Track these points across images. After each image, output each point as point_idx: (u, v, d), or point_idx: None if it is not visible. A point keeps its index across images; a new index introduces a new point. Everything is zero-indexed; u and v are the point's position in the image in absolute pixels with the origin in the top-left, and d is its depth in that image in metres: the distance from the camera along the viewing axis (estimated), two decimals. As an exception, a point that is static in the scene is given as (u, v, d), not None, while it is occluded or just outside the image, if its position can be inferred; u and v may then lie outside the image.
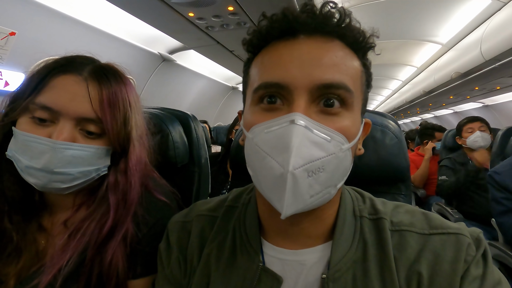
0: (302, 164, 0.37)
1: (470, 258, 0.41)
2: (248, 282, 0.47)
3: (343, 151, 0.41)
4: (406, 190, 0.80)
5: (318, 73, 0.40)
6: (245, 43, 0.48)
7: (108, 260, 0.56)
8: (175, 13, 1.98)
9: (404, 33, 3.46)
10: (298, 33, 0.43)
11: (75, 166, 0.54)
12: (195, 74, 3.92)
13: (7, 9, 1.72)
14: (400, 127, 0.80)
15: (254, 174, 0.44)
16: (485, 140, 2.24)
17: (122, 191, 0.60)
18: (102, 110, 0.56)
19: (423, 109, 7.12)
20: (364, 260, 0.45)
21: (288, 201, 0.38)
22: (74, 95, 0.55)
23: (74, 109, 0.54)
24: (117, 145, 0.59)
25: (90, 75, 0.57)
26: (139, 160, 0.63)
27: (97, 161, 0.58)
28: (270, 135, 0.40)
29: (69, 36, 2.13)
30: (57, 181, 0.54)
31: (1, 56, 1.82)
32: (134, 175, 0.61)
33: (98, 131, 0.57)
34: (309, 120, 0.39)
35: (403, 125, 12.59)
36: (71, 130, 0.54)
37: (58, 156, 0.52)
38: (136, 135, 0.63)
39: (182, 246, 0.55)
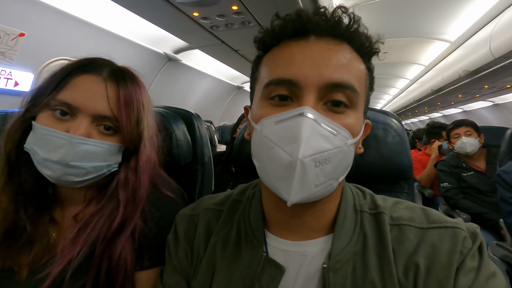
0: (311, 154, 0.40)
1: (466, 250, 0.43)
2: (252, 271, 0.49)
3: (347, 146, 0.43)
4: (408, 189, 0.79)
5: (328, 72, 0.42)
6: (257, 41, 0.50)
7: (117, 255, 0.58)
8: (180, 13, 1.99)
9: (411, 31, 3.42)
10: (309, 34, 0.45)
11: (89, 161, 0.57)
12: (200, 73, 3.94)
13: (17, 11, 1.76)
14: (403, 126, 0.80)
15: (261, 165, 0.46)
16: (472, 146, 2.17)
17: (132, 188, 0.62)
18: (119, 109, 0.59)
19: (431, 108, 7.02)
20: (363, 252, 0.47)
21: (295, 189, 0.40)
22: (93, 94, 0.58)
23: (92, 106, 0.57)
24: (129, 143, 0.62)
25: (109, 76, 0.61)
26: (149, 159, 0.66)
27: (110, 158, 0.60)
28: (279, 126, 0.42)
29: (76, 37, 2.17)
30: (71, 174, 0.57)
31: (11, 56, 1.87)
32: (143, 173, 0.64)
33: (114, 128, 0.60)
34: (317, 114, 0.41)
35: (411, 124, 12.43)
36: (88, 126, 0.57)
37: (74, 150, 0.55)
38: (147, 135, 0.65)
39: (189, 238, 0.58)
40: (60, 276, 0.55)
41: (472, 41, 3.05)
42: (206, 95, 4.54)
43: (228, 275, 0.51)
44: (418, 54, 4.22)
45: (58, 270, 0.55)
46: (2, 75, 1.89)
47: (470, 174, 2.17)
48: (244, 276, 0.49)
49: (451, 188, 2.25)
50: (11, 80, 1.95)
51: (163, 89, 3.53)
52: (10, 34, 1.78)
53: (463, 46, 3.30)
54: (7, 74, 1.92)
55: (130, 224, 0.61)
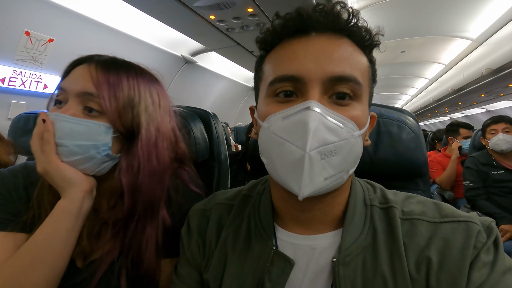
0: (317, 146, 0.40)
1: (480, 244, 0.42)
2: (262, 264, 0.50)
3: (354, 138, 0.44)
4: (424, 186, 0.79)
5: (331, 66, 0.43)
6: (259, 41, 0.51)
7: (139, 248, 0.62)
8: (197, 16, 2.04)
9: (430, 29, 3.32)
10: (310, 30, 0.46)
11: (72, 139, 0.58)
12: (216, 75, 4.00)
13: (46, 18, 1.87)
14: (418, 123, 0.79)
15: (270, 162, 0.46)
16: (508, 143, 2.09)
17: (132, 173, 0.63)
18: (100, 86, 0.60)
19: (452, 108, 6.76)
20: (374, 246, 0.46)
21: (305, 182, 0.41)
22: (79, 76, 0.61)
23: (76, 86, 0.60)
24: (118, 124, 0.61)
25: (98, 62, 0.63)
26: (152, 145, 0.65)
27: (95, 137, 0.59)
28: (287, 122, 0.43)
29: (100, 41, 2.27)
30: (58, 154, 0.58)
31: (41, 61, 1.98)
32: (142, 159, 0.63)
33: (97, 109, 0.60)
34: (323, 107, 0.42)
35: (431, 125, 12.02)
36: (76, 107, 0.59)
37: (57, 128, 0.57)
38: (148, 123, 0.65)
39: (202, 231, 0.59)
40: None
41: (495, 38, 2.93)
42: (222, 96, 4.59)
43: (239, 268, 0.52)
44: (437, 52, 4.09)
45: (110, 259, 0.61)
46: (33, 79, 2.02)
47: (501, 173, 2.10)
48: (254, 269, 0.50)
49: (472, 187, 2.18)
50: (40, 83, 2.06)
51: (180, 90, 3.61)
52: (41, 40, 1.89)
53: (485, 43, 3.17)
54: (38, 78, 2.04)
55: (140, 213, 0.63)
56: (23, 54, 1.88)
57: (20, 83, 1.95)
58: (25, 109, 2.05)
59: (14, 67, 1.90)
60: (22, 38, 1.81)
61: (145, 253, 0.62)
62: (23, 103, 2.06)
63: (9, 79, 1.88)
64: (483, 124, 2.32)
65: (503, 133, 2.13)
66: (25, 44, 1.84)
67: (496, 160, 2.17)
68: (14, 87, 1.93)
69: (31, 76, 1.99)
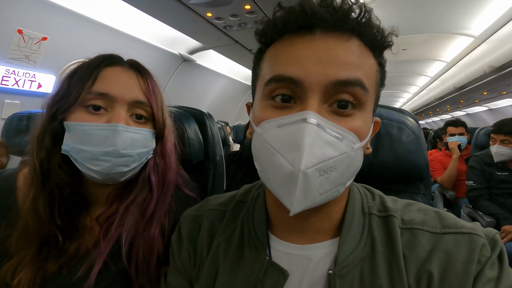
0: (315, 164, 0.37)
1: (484, 259, 0.40)
2: (255, 275, 0.47)
3: (354, 150, 0.40)
4: (425, 190, 0.76)
5: (335, 70, 0.39)
6: (258, 34, 0.46)
7: (151, 238, 0.62)
8: (194, 14, 2.02)
9: (433, 26, 3.28)
10: (315, 28, 0.41)
11: (134, 148, 0.60)
12: (215, 73, 3.98)
13: (39, 16, 1.84)
14: (419, 124, 0.76)
15: (262, 170, 0.44)
16: (502, 156, 2.05)
17: (162, 172, 0.66)
18: (149, 95, 0.63)
19: (453, 106, 6.72)
20: (372, 257, 0.44)
21: (298, 199, 0.38)
22: (126, 82, 0.61)
23: (128, 94, 0.60)
24: (160, 129, 0.65)
25: (131, 66, 0.64)
26: (173, 144, 0.70)
27: (148, 143, 0.64)
28: (281, 132, 0.40)
29: (95, 39, 2.25)
30: (121, 165, 0.58)
31: (34, 60, 1.96)
32: (170, 157, 0.68)
33: (146, 116, 0.63)
34: (321, 118, 0.38)
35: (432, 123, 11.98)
36: (126, 115, 0.60)
37: (121, 138, 0.57)
38: (169, 122, 0.69)
39: (193, 239, 0.57)
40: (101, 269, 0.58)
41: (498, 35, 2.89)
42: (221, 95, 4.57)
43: (230, 279, 0.49)
44: (439, 50, 4.06)
45: (99, 266, 0.57)
46: (26, 78, 1.99)
47: (505, 174, 2.07)
48: (246, 280, 0.48)
49: (475, 188, 2.16)
50: (34, 82, 2.04)
51: (179, 89, 3.59)
52: (34, 38, 1.87)
53: (488, 41, 3.13)
54: (31, 77, 2.02)
55: (161, 209, 0.65)
56: (16, 52, 1.85)
57: (14, 82, 1.93)
58: (19, 108, 2.03)
59: (7, 66, 1.88)
60: (15, 37, 1.78)
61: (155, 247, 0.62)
62: (17, 103, 2.04)
63: (2, 78, 1.86)
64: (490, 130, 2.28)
65: (501, 144, 2.08)
66: (18, 43, 1.81)
67: (501, 161, 2.13)
68: (7, 87, 1.91)
69: (25, 75, 1.97)
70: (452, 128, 2.77)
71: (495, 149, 2.08)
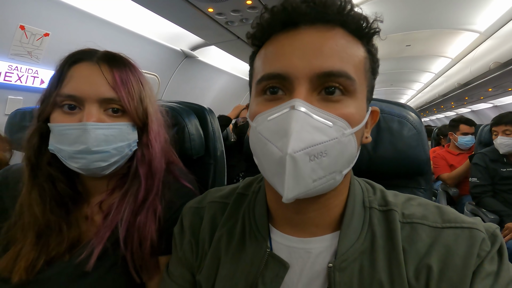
0: (303, 148, 0.38)
1: (484, 253, 0.40)
2: (256, 267, 0.48)
3: (346, 136, 0.41)
4: (426, 185, 0.76)
5: (319, 62, 0.40)
6: (249, 37, 0.49)
7: (142, 224, 0.64)
8: (195, 9, 2.01)
9: (437, 22, 3.24)
10: (298, 23, 0.43)
11: (109, 144, 0.60)
12: (217, 70, 3.96)
13: (41, 12, 1.84)
14: (420, 118, 0.76)
15: (259, 162, 0.45)
16: (507, 147, 2.05)
17: (148, 162, 0.67)
18: (118, 88, 0.61)
19: (458, 103, 6.65)
20: (371, 251, 0.45)
21: (288, 184, 0.38)
22: (91, 80, 0.60)
23: (94, 92, 0.60)
24: (137, 120, 0.64)
25: (100, 59, 0.63)
26: (157, 133, 0.70)
27: (127, 137, 0.64)
28: (271, 122, 0.41)
29: (97, 35, 2.25)
30: (98, 160, 0.60)
31: (37, 56, 1.96)
32: (154, 147, 0.68)
33: (120, 109, 0.63)
34: (309, 106, 0.40)
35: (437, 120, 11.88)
36: (97, 112, 0.60)
37: (91, 136, 0.58)
38: (152, 111, 0.68)
39: (195, 230, 0.58)
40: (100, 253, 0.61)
41: (504, 30, 2.85)
42: (223, 91, 4.56)
43: (231, 270, 0.50)
44: (444, 46, 4.01)
45: (99, 250, 0.60)
46: (29, 74, 2.00)
47: (510, 170, 2.06)
48: (248, 272, 0.49)
49: (478, 184, 2.15)
50: (37, 78, 2.05)
51: (181, 86, 3.59)
52: (36, 34, 1.87)
53: (493, 36, 3.09)
54: (34, 73, 2.02)
55: (150, 195, 0.66)
56: (19, 48, 1.85)
57: (16, 78, 1.94)
58: (22, 104, 2.04)
59: (9, 62, 1.88)
60: (17, 33, 1.78)
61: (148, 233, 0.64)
62: (20, 99, 2.05)
63: (5, 74, 1.87)
64: (489, 124, 2.29)
65: (504, 135, 2.08)
66: (20, 39, 1.82)
67: (506, 157, 2.13)
68: (10, 82, 1.92)
69: (27, 71, 1.97)
70: (465, 127, 2.70)
71: (498, 141, 2.08)
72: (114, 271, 0.63)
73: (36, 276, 0.59)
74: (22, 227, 0.62)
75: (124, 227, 0.63)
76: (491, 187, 2.14)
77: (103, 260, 0.62)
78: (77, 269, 0.60)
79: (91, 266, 0.59)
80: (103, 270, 0.62)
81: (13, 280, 0.57)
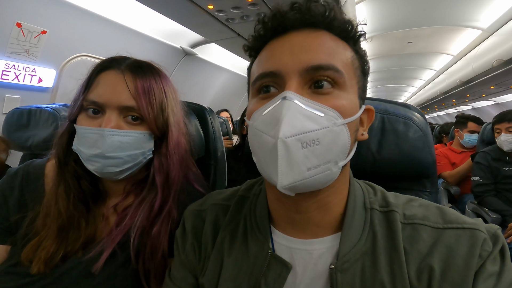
0: (294, 134, 0.39)
1: (485, 253, 0.41)
2: (258, 267, 0.49)
3: (337, 126, 0.42)
4: (431, 188, 0.74)
5: (307, 57, 0.43)
6: (247, 50, 0.53)
7: (156, 233, 0.66)
8: (195, 6, 1.98)
9: (439, 19, 3.22)
10: (288, 29, 0.46)
11: (123, 150, 0.62)
12: (217, 67, 3.94)
13: (38, 9, 1.82)
14: (426, 119, 0.74)
15: (257, 158, 0.46)
16: (510, 144, 2.04)
17: (165, 172, 0.68)
18: (139, 97, 0.63)
19: (459, 100, 6.64)
20: (373, 252, 0.45)
21: (282, 169, 0.39)
22: (114, 87, 0.63)
23: (115, 99, 0.62)
24: (155, 130, 0.66)
25: (126, 68, 0.66)
26: (177, 143, 0.71)
27: (142, 145, 0.65)
28: (266, 115, 0.43)
29: (96, 33, 2.22)
30: (111, 165, 0.62)
31: (34, 54, 1.94)
32: (173, 157, 0.69)
33: (139, 117, 0.65)
34: (300, 97, 0.41)
35: (437, 118, 11.87)
36: (116, 118, 0.62)
37: (107, 142, 0.60)
38: (174, 121, 0.70)
39: (197, 233, 0.58)
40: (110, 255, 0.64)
41: (507, 27, 2.83)
42: (224, 89, 4.54)
43: (234, 271, 0.51)
44: (446, 43, 3.99)
45: (108, 252, 0.63)
46: (26, 72, 1.97)
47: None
48: (250, 273, 0.49)
49: (481, 183, 2.13)
50: (35, 76, 2.02)
51: (181, 83, 3.56)
52: (33, 32, 1.84)
53: (496, 33, 3.07)
54: (31, 71, 2.00)
55: (166, 206, 0.68)
56: (15, 46, 1.83)
57: (14, 76, 1.91)
58: (20, 103, 2.02)
59: (6, 60, 1.86)
60: (14, 30, 1.76)
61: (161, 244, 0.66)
62: (18, 97, 2.03)
63: (2, 72, 1.85)
64: (492, 122, 2.27)
65: (507, 132, 2.07)
66: (17, 36, 1.79)
67: (509, 156, 2.11)
68: (8, 81, 1.89)
69: (25, 69, 1.95)
70: (474, 125, 2.67)
71: (502, 138, 2.07)
72: (123, 272, 0.65)
73: (52, 271, 0.62)
74: (45, 220, 0.65)
75: (138, 234, 0.65)
76: (494, 186, 2.13)
77: (112, 261, 0.64)
78: (87, 267, 0.62)
79: (99, 267, 0.61)
80: (112, 271, 0.64)
81: (32, 271, 0.60)
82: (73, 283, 0.62)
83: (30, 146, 1.13)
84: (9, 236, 0.68)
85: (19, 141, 1.16)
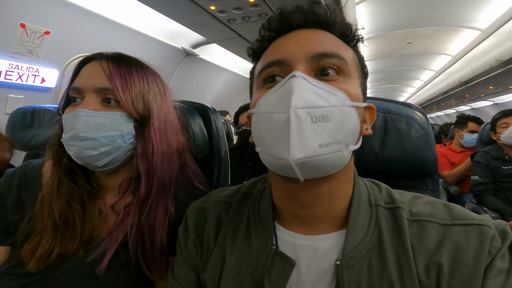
0: (304, 106, 0.39)
1: (495, 250, 0.40)
2: (261, 264, 0.48)
3: (346, 106, 0.42)
4: (433, 186, 0.75)
5: (313, 45, 0.45)
6: (251, 54, 0.54)
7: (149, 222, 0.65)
8: (197, 7, 1.99)
9: (438, 20, 3.23)
10: (292, 29, 0.48)
11: (98, 132, 0.61)
12: (218, 68, 3.95)
13: (42, 9, 1.83)
14: (428, 119, 0.75)
15: (262, 143, 0.44)
16: None
17: (147, 158, 0.68)
18: (112, 79, 0.63)
19: (458, 101, 6.66)
20: (380, 248, 0.44)
21: (294, 141, 0.38)
22: (92, 72, 0.64)
23: (91, 82, 0.63)
24: (134, 113, 0.65)
25: (107, 57, 0.67)
26: (164, 131, 0.70)
27: (120, 127, 0.64)
28: (273, 96, 0.43)
29: (98, 33, 2.23)
30: (88, 148, 0.61)
31: (37, 54, 1.95)
32: (155, 143, 0.68)
33: (115, 99, 0.64)
34: (308, 77, 0.42)
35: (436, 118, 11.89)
36: (94, 101, 0.62)
37: (81, 122, 0.60)
38: (158, 109, 0.69)
39: (199, 230, 0.58)
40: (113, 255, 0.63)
41: (505, 28, 2.85)
42: (224, 89, 4.55)
43: (237, 268, 0.50)
44: (445, 43, 4.01)
45: (111, 253, 0.62)
46: (30, 72, 1.98)
47: (511, 168, 2.06)
48: (253, 269, 0.48)
49: (480, 182, 2.15)
50: (38, 77, 2.03)
51: (182, 83, 3.57)
52: (37, 32, 1.85)
53: (495, 34, 3.09)
54: (35, 71, 2.01)
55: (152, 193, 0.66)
56: (19, 47, 1.84)
57: (17, 77, 1.92)
58: (23, 103, 2.03)
59: (10, 61, 1.87)
60: (18, 31, 1.77)
61: (158, 233, 0.65)
62: (21, 97, 2.03)
63: (6, 72, 1.85)
64: (493, 118, 2.27)
65: None
66: (21, 37, 1.80)
67: (508, 154, 2.13)
68: (11, 81, 1.90)
69: (28, 69, 1.96)
70: (474, 125, 2.69)
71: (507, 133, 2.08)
72: (126, 272, 0.64)
73: (53, 271, 0.61)
74: (42, 218, 0.65)
75: (135, 227, 0.65)
76: (493, 185, 2.14)
77: (115, 261, 0.64)
78: (90, 267, 0.62)
79: (103, 268, 0.61)
80: (115, 271, 0.64)
81: (31, 269, 0.60)
82: (76, 284, 0.62)
83: (34, 145, 1.13)
84: (8, 237, 0.67)
85: (22, 141, 1.17)
